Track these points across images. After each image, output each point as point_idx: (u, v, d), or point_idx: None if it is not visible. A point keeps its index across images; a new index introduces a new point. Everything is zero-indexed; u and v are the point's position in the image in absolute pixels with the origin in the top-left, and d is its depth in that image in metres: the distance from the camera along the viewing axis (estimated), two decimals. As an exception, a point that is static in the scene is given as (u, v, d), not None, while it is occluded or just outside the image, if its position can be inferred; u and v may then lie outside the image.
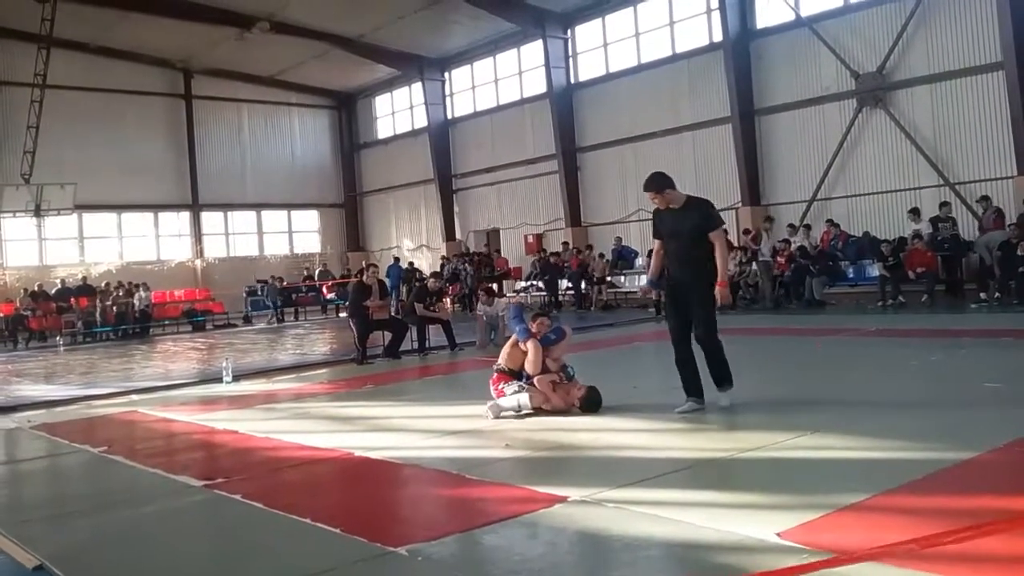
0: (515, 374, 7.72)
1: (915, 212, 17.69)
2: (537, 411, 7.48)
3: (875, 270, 17.29)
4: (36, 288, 26.08)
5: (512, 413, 7.51)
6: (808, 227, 19.67)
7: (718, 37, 22.04)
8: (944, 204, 17.58)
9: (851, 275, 18.42)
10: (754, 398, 7.74)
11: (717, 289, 7.07)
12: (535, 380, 7.60)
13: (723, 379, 7.21)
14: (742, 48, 21.49)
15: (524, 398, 7.47)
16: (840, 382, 8.65)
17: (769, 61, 21.40)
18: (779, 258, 18.31)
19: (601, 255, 23.13)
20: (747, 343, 12.98)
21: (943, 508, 4.37)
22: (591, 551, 4.25)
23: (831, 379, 8.91)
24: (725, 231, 7.62)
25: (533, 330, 7.82)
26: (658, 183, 7.22)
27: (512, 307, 8.72)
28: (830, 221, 19.43)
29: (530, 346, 7.65)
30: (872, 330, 12.89)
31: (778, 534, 3.98)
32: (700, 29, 22.98)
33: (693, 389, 7.21)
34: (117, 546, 4.87)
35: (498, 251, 27.89)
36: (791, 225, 19.90)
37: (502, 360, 7.89)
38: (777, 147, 21.54)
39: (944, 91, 18.48)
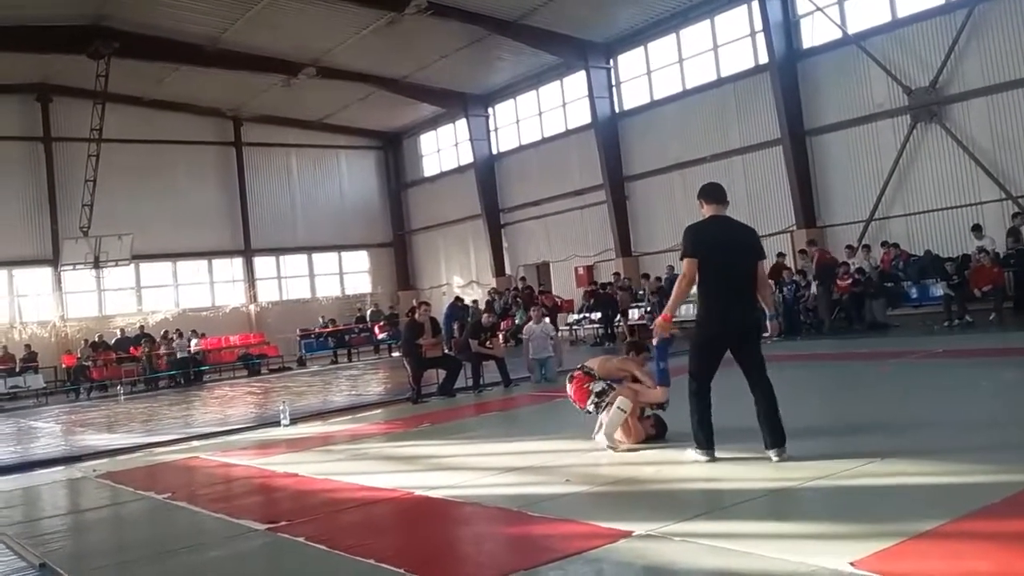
0: (594, 378, 7.57)
1: (977, 228, 17.25)
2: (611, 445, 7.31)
3: (939, 289, 16.83)
4: (96, 339, 26.65)
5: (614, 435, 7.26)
6: (867, 248, 19.29)
7: (764, 59, 21.89)
8: (1017, 215, 17.09)
9: (914, 295, 17.94)
10: (821, 424, 7.56)
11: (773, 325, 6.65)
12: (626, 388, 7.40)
13: (783, 434, 6.22)
14: (789, 69, 21.31)
15: (624, 403, 7.14)
16: (909, 405, 8.39)
17: (817, 80, 21.18)
18: (840, 281, 17.95)
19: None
20: (811, 369, 12.74)
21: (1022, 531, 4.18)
22: (660, 588, 4.14)
23: (900, 403, 8.63)
24: None
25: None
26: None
27: (658, 344, 7.05)
28: (885, 243, 19.04)
29: (660, 392, 7.20)
30: (939, 351, 12.50)
31: (852, 563, 3.84)
32: (745, 52, 22.86)
33: (712, 438, 6.38)
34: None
35: (541, 289, 27.47)
36: (849, 246, 19.54)
37: (593, 363, 7.76)
38: (830, 167, 21.24)
39: (1001, 102, 18.09)
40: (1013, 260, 16.33)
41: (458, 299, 28.23)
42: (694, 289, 6.40)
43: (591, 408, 7.54)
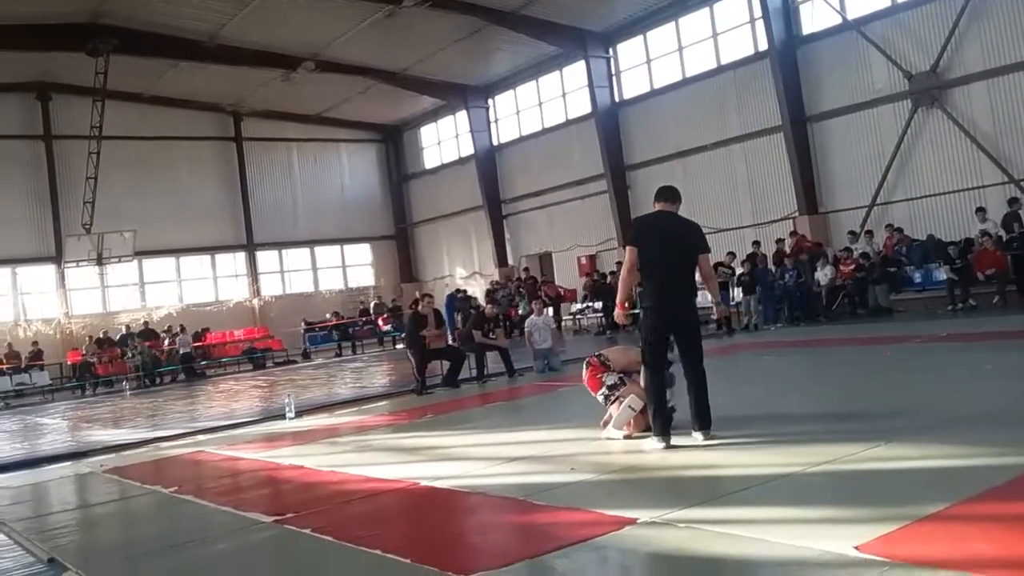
0: (609, 368, 7.57)
1: (982, 211, 17.22)
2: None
3: (942, 274, 16.80)
4: (101, 335, 26.70)
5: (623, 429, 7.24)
6: (870, 233, 19.25)
7: (763, 46, 21.81)
8: (1014, 200, 17.07)
9: (918, 280, 17.93)
10: (824, 410, 7.59)
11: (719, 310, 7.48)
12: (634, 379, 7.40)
13: (710, 418, 6.64)
14: (789, 55, 21.24)
15: (635, 401, 7.11)
16: (913, 390, 8.38)
17: (817, 66, 21.11)
18: (842, 267, 17.95)
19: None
20: (814, 354, 12.76)
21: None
22: (665, 573, 4.16)
23: (903, 387, 8.63)
24: None
25: None
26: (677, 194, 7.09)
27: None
28: (890, 226, 19.05)
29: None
30: (943, 335, 12.50)
31: (857, 547, 3.85)
32: (745, 39, 22.78)
33: (669, 426, 6.66)
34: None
35: (543, 280, 27.43)
36: (851, 232, 19.51)
37: (611, 353, 7.76)
38: (832, 153, 21.19)
39: (1003, 86, 18.02)
40: (1016, 244, 16.29)
41: (458, 290, 28.32)
42: None
43: (600, 399, 7.57)
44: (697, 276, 6.92)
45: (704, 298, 8.01)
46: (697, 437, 6.59)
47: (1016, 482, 4.63)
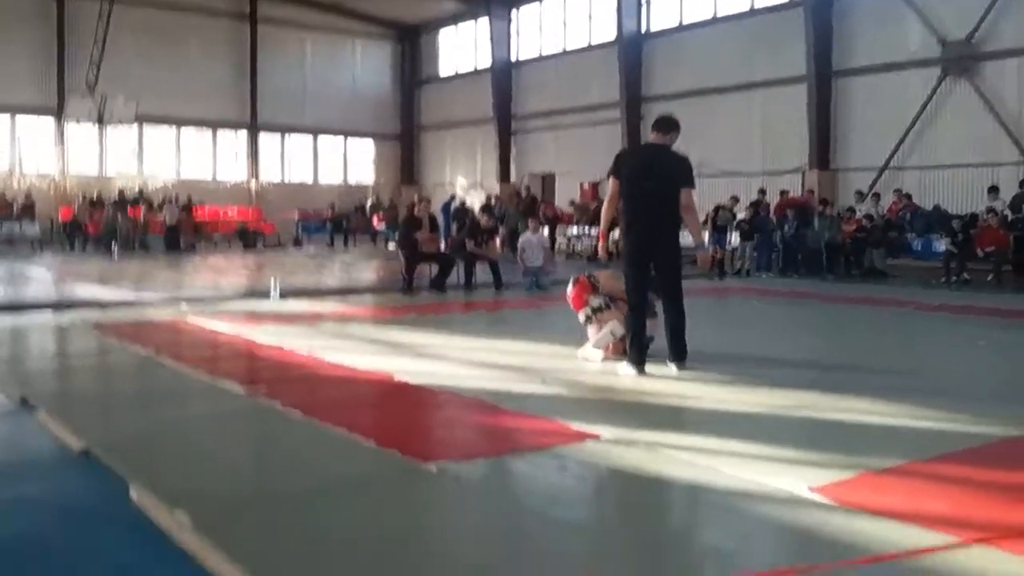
0: (596, 291, 7.56)
1: (995, 190, 17.04)
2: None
3: (942, 245, 16.74)
4: (95, 196, 26.57)
5: (602, 351, 7.26)
6: (877, 196, 19.12)
7: (800, -8, 21.32)
8: None
9: (917, 248, 17.88)
10: (806, 358, 7.64)
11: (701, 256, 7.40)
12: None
13: (685, 350, 6.73)
14: (825, 6, 20.79)
15: (616, 327, 7.13)
16: (900, 352, 8.44)
17: (852, 21, 20.69)
18: (845, 226, 17.86)
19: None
20: (803, 306, 12.81)
21: (985, 479, 4.23)
22: (618, 487, 4.25)
23: (891, 349, 8.70)
24: None
25: None
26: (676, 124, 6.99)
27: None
28: (899, 191, 18.89)
29: (650, 324, 7.15)
30: (935, 305, 12.53)
31: (810, 488, 3.89)
32: (782, -17, 22.24)
33: (644, 356, 6.71)
34: (160, 440, 4.93)
35: (541, 199, 27.18)
36: (859, 192, 19.38)
37: (600, 275, 7.73)
38: (852, 111, 20.92)
39: (1036, 66, 17.71)
40: (1021, 225, 16.20)
41: (453, 196, 28.18)
42: None
43: (581, 317, 7.57)
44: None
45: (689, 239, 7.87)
46: (671, 368, 6.67)
47: (983, 449, 4.67)
